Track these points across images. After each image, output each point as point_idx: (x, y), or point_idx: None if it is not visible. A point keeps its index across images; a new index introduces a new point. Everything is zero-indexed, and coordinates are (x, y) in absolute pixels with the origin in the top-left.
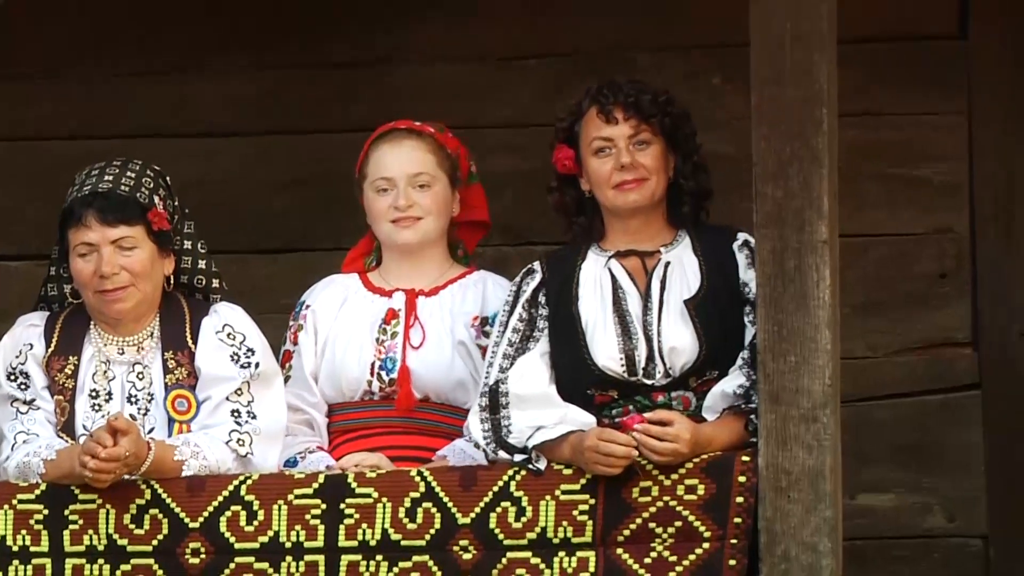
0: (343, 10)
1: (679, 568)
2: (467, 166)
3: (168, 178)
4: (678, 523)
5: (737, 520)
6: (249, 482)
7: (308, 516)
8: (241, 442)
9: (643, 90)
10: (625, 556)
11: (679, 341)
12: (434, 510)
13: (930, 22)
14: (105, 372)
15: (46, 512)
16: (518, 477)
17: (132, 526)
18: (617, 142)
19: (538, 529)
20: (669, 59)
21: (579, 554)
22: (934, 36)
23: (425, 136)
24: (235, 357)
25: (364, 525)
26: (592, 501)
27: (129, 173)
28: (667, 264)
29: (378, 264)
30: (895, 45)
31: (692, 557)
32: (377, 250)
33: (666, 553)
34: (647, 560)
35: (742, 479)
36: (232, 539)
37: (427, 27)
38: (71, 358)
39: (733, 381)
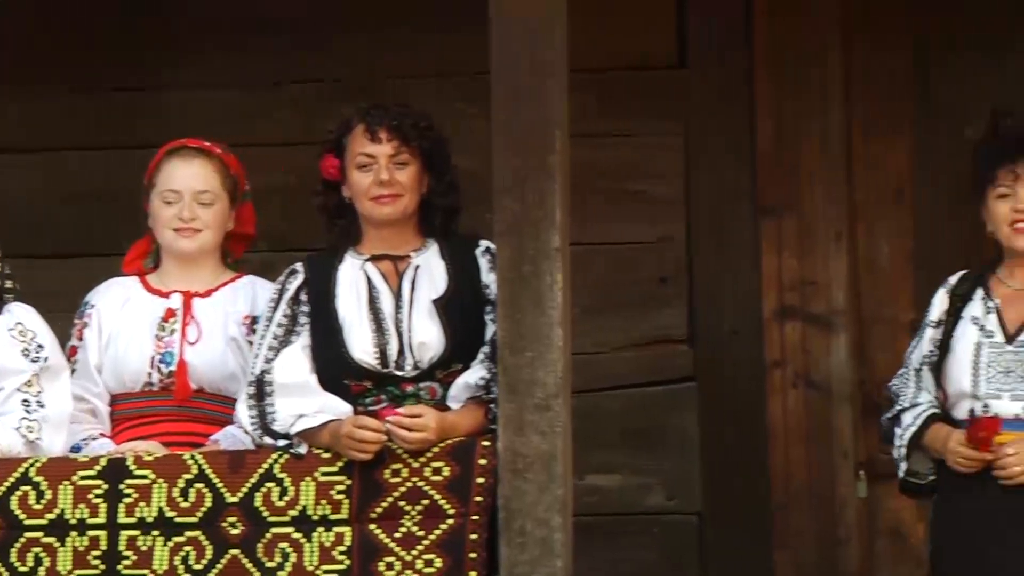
0: (127, 39)
1: (426, 542)
2: (244, 185)
3: None
4: (425, 501)
5: (478, 499)
6: (38, 465)
7: (91, 495)
8: (30, 429)
9: (407, 115)
10: (378, 531)
11: (427, 337)
12: (205, 490)
13: (653, 53)
14: None
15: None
16: (281, 460)
17: None
18: (379, 159)
19: (299, 507)
20: (418, 85)
21: (336, 529)
22: (656, 66)
23: (213, 157)
24: (26, 352)
25: (142, 504)
26: (348, 482)
27: None
28: (417, 267)
29: (156, 265)
30: (621, 73)
31: (438, 532)
32: (155, 252)
33: (415, 528)
34: (397, 535)
35: (483, 462)
36: (22, 516)
37: (202, 56)
38: None
39: (475, 373)
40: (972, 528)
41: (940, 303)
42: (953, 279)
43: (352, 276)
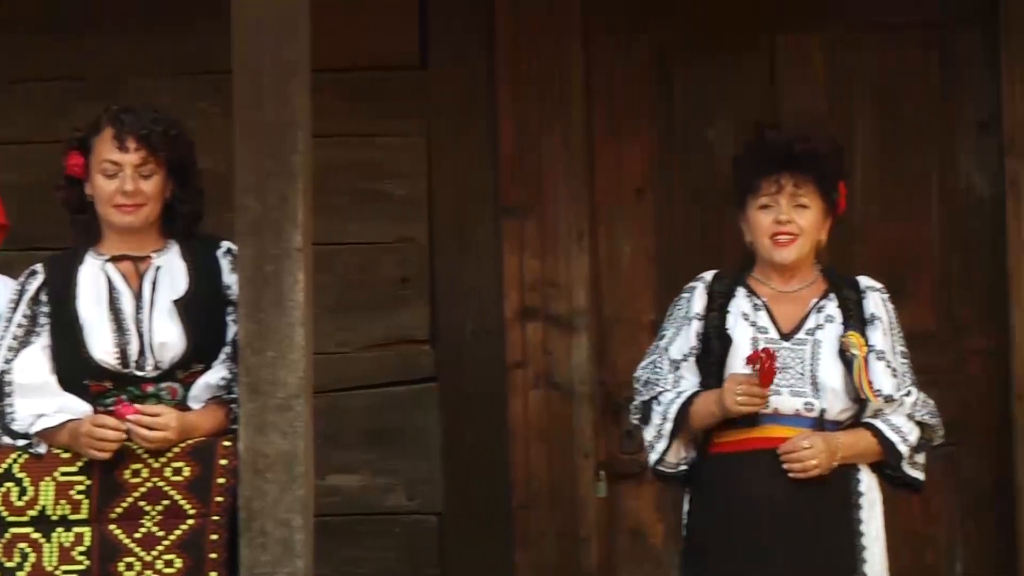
0: None
1: (166, 542)
2: None
3: None
4: (166, 501)
5: (219, 499)
6: None
7: None
8: None
9: (157, 121)
10: (118, 532)
11: (167, 337)
12: None
13: (395, 53)
14: None
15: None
16: (21, 460)
17: None
18: (124, 168)
19: (39, 507)
20: (160, 84)
21: (76, 530)
22: (399, 66)
23: None
24: None
25: None
26: (88, 482)
27: None
28: (158, 268)
29: None
30: (365, 73)
31: (178, 532)
32: None
33: (155, 529)
34: (137, 535)
35: (224, 462)
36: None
37: None
38: None
39: (217, 373)
40: (743, 519)
41: (700, 297)
42: (708, 276)
43: (93, 277)
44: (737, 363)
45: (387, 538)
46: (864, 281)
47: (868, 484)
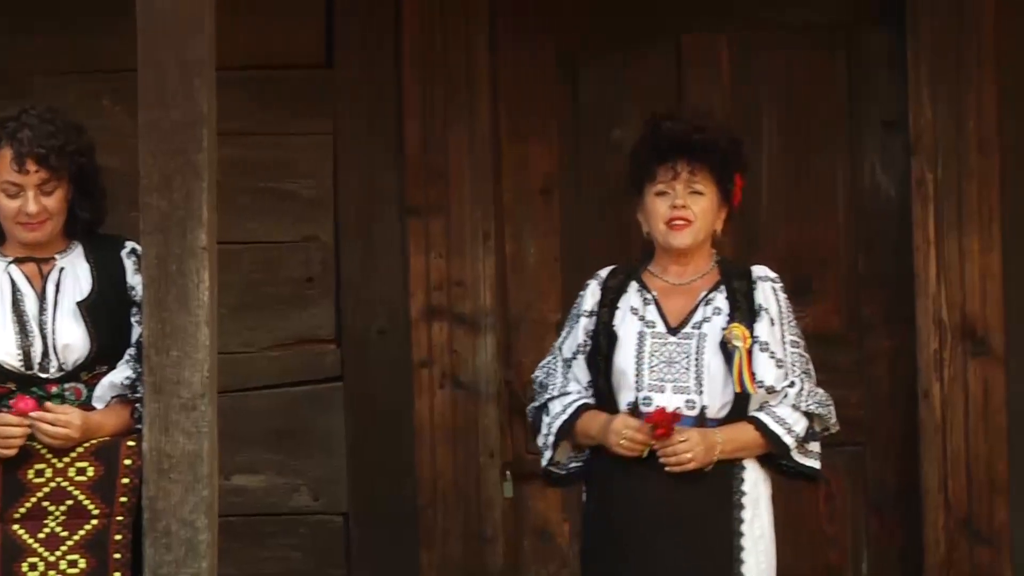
0: None
1: (70, 543)
2: None
3: None
4: (69, 502)
5: (123, 499)
6: None
7: None
8: None
9: (55, 135)
10: (21, 532)
11: (71, 338)
12: None
13: (300, 52)
14: None
15: None
16: None
17: None
18: (26, 189)
19: None
20: (64, 83)
21: None
22: (304, 65)
23: None
24: None
25: None
26: None
27: None
28: (62, 269)
29: None
30: (270, 72)
31: (82, 532)
32: None
33: (58, 529)
34: (40, 535)
35: (128, 462)
36: None
37: None
38: None
39: (121, 373)
40: (629, 517)
41: (592, 294)
42: (603, 272)
43: None
44: (621, 360)
45: (292, 538)
46: (757, 271)
47: (752, 482)
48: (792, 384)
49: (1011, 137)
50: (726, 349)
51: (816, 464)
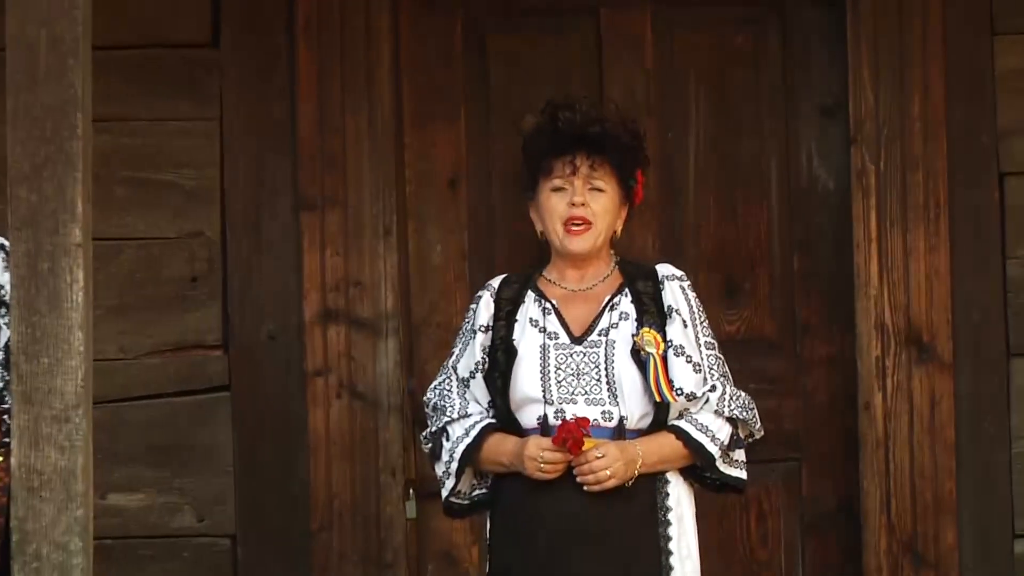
0: None
1: None
2: None
3: None
4: None
5: None
6: None
7: None
8: None
9: None
10: None
11: None
12: None
13: (183, 31)
14: None
15: None
16: None
17: None
18: None
19: None
20: None
21: None
22: (187, 44)
23: None
24: None
25: None
26: None
27: None
28: None
29: None
30: (149, 52)
31: None
32: None
33: None
34: None
35: None
36: None
37: None
38: None
39: None
40: (546, 539)
41: (486, 307)
42: (495, 282)
43: None
44: (523, 375)
45: (174, 562)
46: (662, 270)
47: (677, 497)
48: (713, 388)
49: (960, 124)
50: (639, 357)
51: (742, 474)
